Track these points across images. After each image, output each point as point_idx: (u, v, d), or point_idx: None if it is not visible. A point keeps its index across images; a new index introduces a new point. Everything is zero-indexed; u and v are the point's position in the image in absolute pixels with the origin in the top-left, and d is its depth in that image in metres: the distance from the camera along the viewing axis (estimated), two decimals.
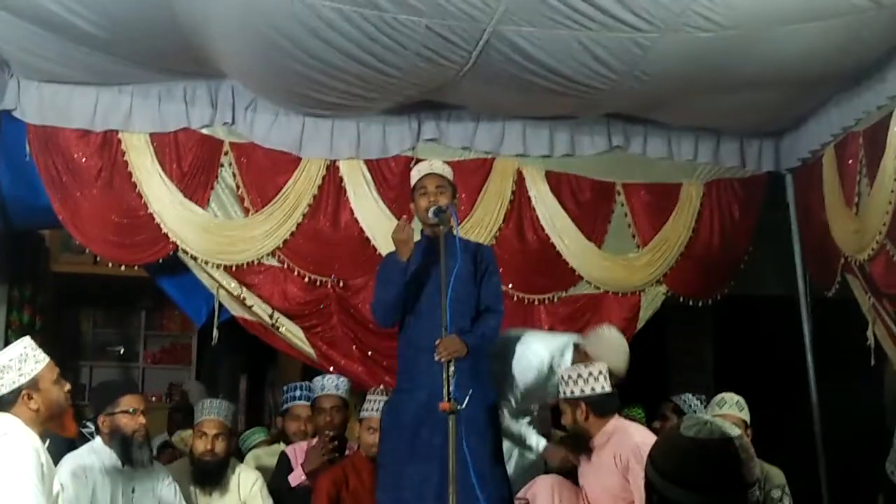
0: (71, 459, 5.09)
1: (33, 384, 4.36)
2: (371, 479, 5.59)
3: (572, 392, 5.25)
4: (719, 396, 5.71)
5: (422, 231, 5.17)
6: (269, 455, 6.51)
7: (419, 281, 5.12)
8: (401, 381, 5.22)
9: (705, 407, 5.90)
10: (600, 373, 5.27)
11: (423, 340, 4.94)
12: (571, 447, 5.46)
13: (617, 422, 5.23)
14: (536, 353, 5.80)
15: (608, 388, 5.24)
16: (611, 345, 5.66)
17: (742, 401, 5.72)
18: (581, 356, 5.65)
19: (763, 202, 7.40)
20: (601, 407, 5.24)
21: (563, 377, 5.36)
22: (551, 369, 5.76)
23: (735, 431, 2.28)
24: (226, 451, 5.74)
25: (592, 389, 5.22)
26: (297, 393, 6.57)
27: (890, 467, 2.13)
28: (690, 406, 6.36)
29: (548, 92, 5.97)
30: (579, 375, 5.26)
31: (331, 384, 6.25)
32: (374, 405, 5.69)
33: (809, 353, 7.20)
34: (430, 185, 5.10)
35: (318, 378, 6.32)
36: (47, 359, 4.48)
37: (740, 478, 2.24)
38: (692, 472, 2.23)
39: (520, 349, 5.78)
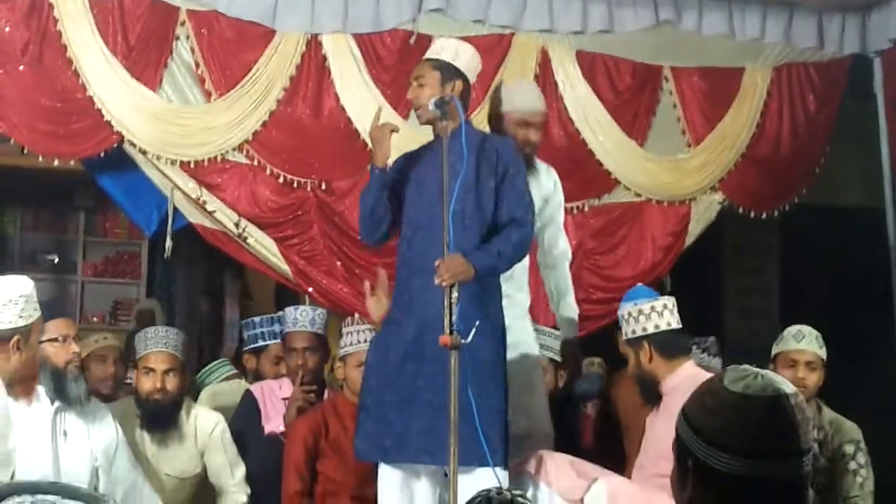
0: None
1: (26, 332, 4.49)
2: (355, 425, 5.69)
3: (633, 332, 5.31)
4: (795, 328, 5.76)
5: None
6: (229, 393, 6.59)
7: (419, 188, 5.16)
8: (392, 309, 5.28)
9: (710, 355, 5.93)
10: (665, 307, 5.32)
11: (417, 261, 5.02)
12: (641, 396, 5.56)
13: (692, 368, 5.29)
14: None
15: (675, 325, 5.31)
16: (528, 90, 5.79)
17: (818, 334, 5.78)
18: None
19: (844, 92, 7.39)
20: (668, 346, 5.29)
21: (622, 315, 5.44)
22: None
23: (790, 388, 2.30)
24: (178, 388, 5.78)
25: (657, 326, 5.29)
26: (277, 328, 6.64)
27: None
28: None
29: None
30: (640, 311, 5.31)
31: (305, 318, 6.28)
32: (354, 337, 5.77)
33: None
34: (415, 73, 5.16)
35: (290, 310, 6.34)
36: (39, 312, 4.62)
37: (795, 443, 2.26)
38: (739, 434, 2.24)
39: None
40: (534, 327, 5.78)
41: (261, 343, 6.64)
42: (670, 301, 5.32)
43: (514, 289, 5.56)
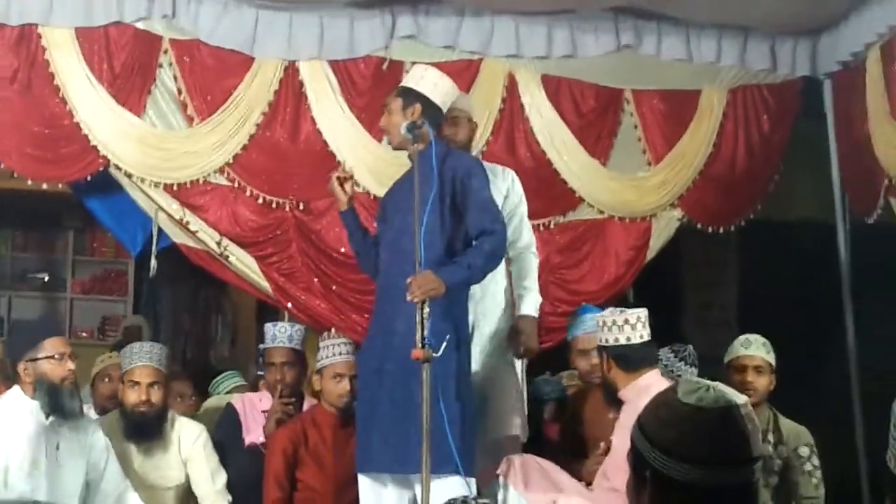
0: None
1: None
2: (333, 435, 5.71)
3: (605, 340, 5.35)
4: (743, 337, 5.86)
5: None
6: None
7: (391, 212, 5.26)
8: (369, 329, 5.38)
9: (687, 364, 5.96)
10: (638, 319, 5.34)
11: (387, 280, 5.18)
12: (604, 397, 5.58)
13: (652, 378, 5.29)
14: None
15: (639, 339, 5.32)
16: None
17: (765, 341, 5.84)
18: None
19: (796, 112, 7.42)
20: (627, 360, 5.29)
21: (598, 323, 5.45)
22: None
23: (740, 398, 2.32)
24: (162, 400, 5.79)
25: (616, 340, 5.30)
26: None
27: (891, 459, 2.17)
28: (667, 363, 6.26)
29: None
30: (614, 322, 5.32)
31: (283, 334, 6.30)
32: (330, 350, 5.80)
33: (846, 287, 7.27)
34: (385, 101, 5.30)
35: (269, 326, 6.35)
36: None
37: (747, 451, 2.28)
38: (694, 444, 2.26)
39: None
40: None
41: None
42: (634, 315, 5.29)
43: (490, 281, 5.54)
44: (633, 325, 5.30)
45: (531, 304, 5.69)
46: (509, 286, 5.82)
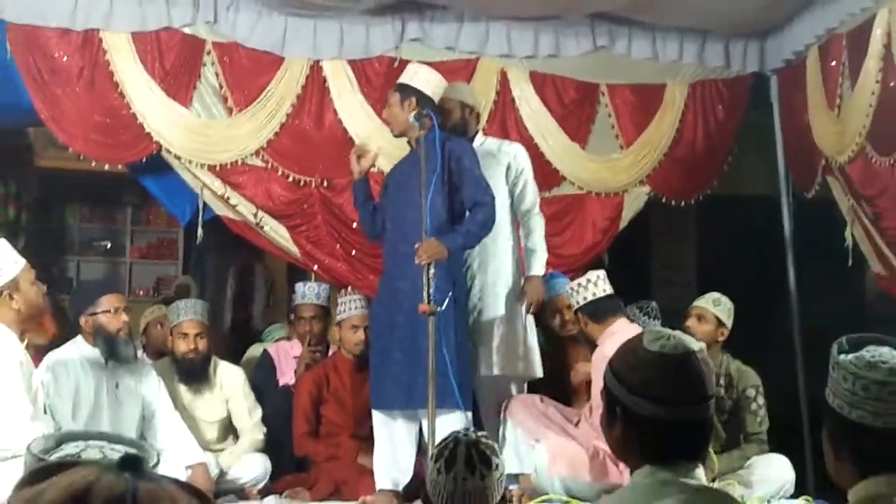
0: (53, 357, 5.18)
1: (14, 284, 4.43)
2: (351, 379, 5.75)
3: (577, 302, 5.50)
4: (707, 294, 5.95)
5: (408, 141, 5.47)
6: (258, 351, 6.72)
7: (395, 188, 5.34)
8: (379, 287, 5.46)
9: (650, 318, 6.00)
10: (598, 277, 5.46)
11: (395, 246, 5.34)
12: (589, 351, 5.68)
13: (619, 325, 5.39)
14: None
15: (602, 293, 5.43)
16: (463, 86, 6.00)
17: (721, 298, 5.88)
18: None
19: (747, 103, 7.38)
20: (596, 311, 5.47)
21: (568, 290, 5.63)
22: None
23: (696, 345, 2.32)
24: (207, 347, 5.87)
25: (584, 298, 5.44)
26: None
27: (829, 395, 2.19)
28: (633, 318, 6.27)
29: None
30: (579, 284, 5.53)
31: (311, 293, 6.37)
32: (348, 305, 5.87)
33: (790, 253, 7.27)
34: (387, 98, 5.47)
35: (299, 285, 6.44)
36: (24, 261, 4.55)
37: (702, 390, 2.30)
38: (656, 385, 2.27)
39: None
40: None
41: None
42: (595, 275, 5.54)
43: (502, 244, 5.73)
44: (595, 283, 5.47)
45: (537, 265, 5.76)
46: (516, 245, 5.87)
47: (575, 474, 5.34)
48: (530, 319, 5.86)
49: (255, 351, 6.94)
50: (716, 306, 5.84)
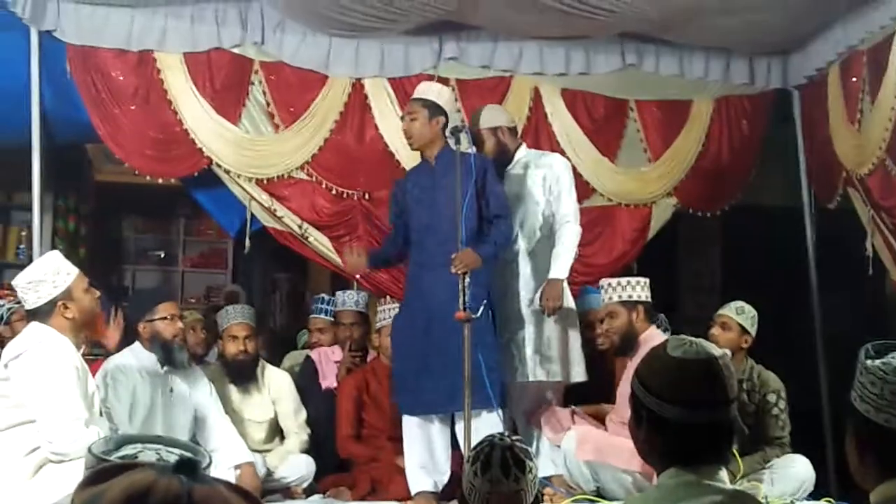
0: (111, 362, 5.24)
1: (67, 294, 4.48)
2: (390, 384, 5.78)
3: (630, 296, 5.54)
4: (732, 303, 5.93)
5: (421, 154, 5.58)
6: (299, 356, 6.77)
7: (420, 202, 5.34)
8: (406, 296, 5.48)
9: (660, 329, 5.98)
10: (646, 284, 5.62)
11: (428, 257, 5.37)
12: (619, 349, 5.68)
13: (655, 331, 5.51)
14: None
15: (647, 299, 5.62)
16: (490, 111, 6.01)
17: (745, 306, 5.85)
18: None
19: (770, 118, 7.36)
20: (651, 313, 5.62)
21: (613, 284, 5.65)
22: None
23: (718, 351, 2.33)
24: (256, 349, 5.93)
25: (640, 297, 5.51)
26: (317, 307, 6.83)
27: (855, 399, 2.16)
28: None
29: (561, 13, 5.95)
30: (637, 283, 5.62)
31: (351, 300, 6.42)
32: (387, 314, 5.90)
33: (812, 262, 7.25)
34: (406, 109, 5.58)
35: (340, 293, 6.48)
36: (77, 270, 4.60)
37: (723, 394, 2.31)
38: (680, 390, 2.29)
39: None
40: None
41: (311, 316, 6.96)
42: (646, 280, 5.68)
43: (530, 249, 5.79)
44: (647, 287, 5.56)
45: (558, 268, 5.68)
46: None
47: (602, 459, 5.33)
48: (574, 326, 5.86)
49: (293, 358, 6.97)
50: (739, 314, 5.81)
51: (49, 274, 4.50)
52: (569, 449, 5.44)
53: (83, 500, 1.24)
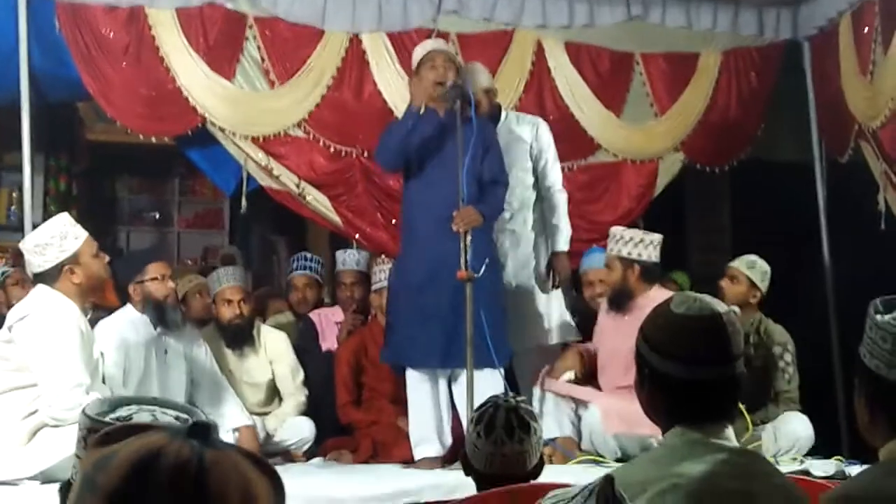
0: (103, 325, 5.25)
1: (74, 259, 4.51)
2: None
3: (629, 253, 5.51)
4: (740, 256, 6.01)
5: (426, 105, 5.43)
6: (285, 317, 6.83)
7: (430, 151, 5.30)
8: (404, 245, 5.47)
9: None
10: (659, 243, 5.59)
11: (430, 209, 5.28)
12: (610, 301, 5.68)
13: (660, 291, 5.42)
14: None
15: (655, 259, 5.52)
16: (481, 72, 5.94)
17: (757, 261, 5.88)
18: None
19: (780, 70, 7.33)
20: (650, 274, 5.57)
21: (618, 236, 5.65)
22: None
23: (722, 307, 2.34)
24: (250, 312, 5.95)
25: (640, 255, 5.47)
26: (300, 263, 6.84)
27: (864, 354, 2.13)
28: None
29: None
30: (641, 240, 5.57)
31: (351, 259, 6.44)
32: (384, 274, 5.89)
33: (823, 217, 7.26)
34: (439, 59, 5.30)
35: (340, 253, 6.51)
36: (86, 234, 4.61)
37: (727, 351, 2.32)
38: (682, 346, 2.29)
39: None
40: None
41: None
42: (658, 239, 5.62)
43: (522, 218, 5.87)
44: (655, 247, 5.51)
45: (562, 241, 5.81)
46: (540, 219, 5.90)
47: (631, 429, 5.23)
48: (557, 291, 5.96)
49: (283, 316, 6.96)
50: (749, 268, 5.83)
51: (56, 237, 4.54)
52: (593, 423, 5.44)
53: (94, 460, 1.27)
